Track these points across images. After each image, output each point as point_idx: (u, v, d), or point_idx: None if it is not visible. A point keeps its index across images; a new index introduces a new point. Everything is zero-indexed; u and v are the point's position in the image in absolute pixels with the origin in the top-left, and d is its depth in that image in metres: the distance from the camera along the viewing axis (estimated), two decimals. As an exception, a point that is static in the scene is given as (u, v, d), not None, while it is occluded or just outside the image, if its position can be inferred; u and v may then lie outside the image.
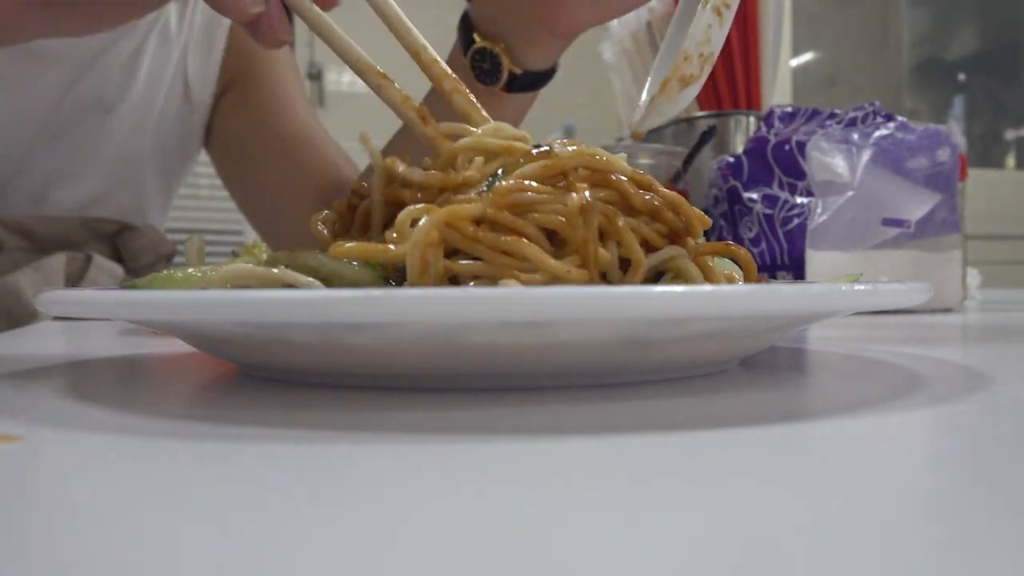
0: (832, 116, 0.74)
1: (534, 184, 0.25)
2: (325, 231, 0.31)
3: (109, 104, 0.73)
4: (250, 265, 0.26)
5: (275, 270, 0.25)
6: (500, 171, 0.27)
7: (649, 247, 0.27)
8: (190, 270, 0.26)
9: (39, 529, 0.12)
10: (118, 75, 0.73)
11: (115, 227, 0.76)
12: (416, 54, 0.37)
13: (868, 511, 0.13)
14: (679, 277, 0.27)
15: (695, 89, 0.33)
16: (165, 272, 0.27)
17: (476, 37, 0.56)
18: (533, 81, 0.57)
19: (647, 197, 0.26)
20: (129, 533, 0.12)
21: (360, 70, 0.36)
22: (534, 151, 0.28)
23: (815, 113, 0.75)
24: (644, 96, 0.34)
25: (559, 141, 0.29)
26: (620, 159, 0.28)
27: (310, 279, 0.25)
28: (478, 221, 0.24)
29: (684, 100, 0.33)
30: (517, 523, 0.12)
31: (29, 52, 0.69)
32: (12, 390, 0.26)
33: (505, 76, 0.55)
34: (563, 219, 0.25)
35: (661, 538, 0.12)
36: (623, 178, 0.26)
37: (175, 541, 0.12)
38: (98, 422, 0.20)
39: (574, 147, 0.27)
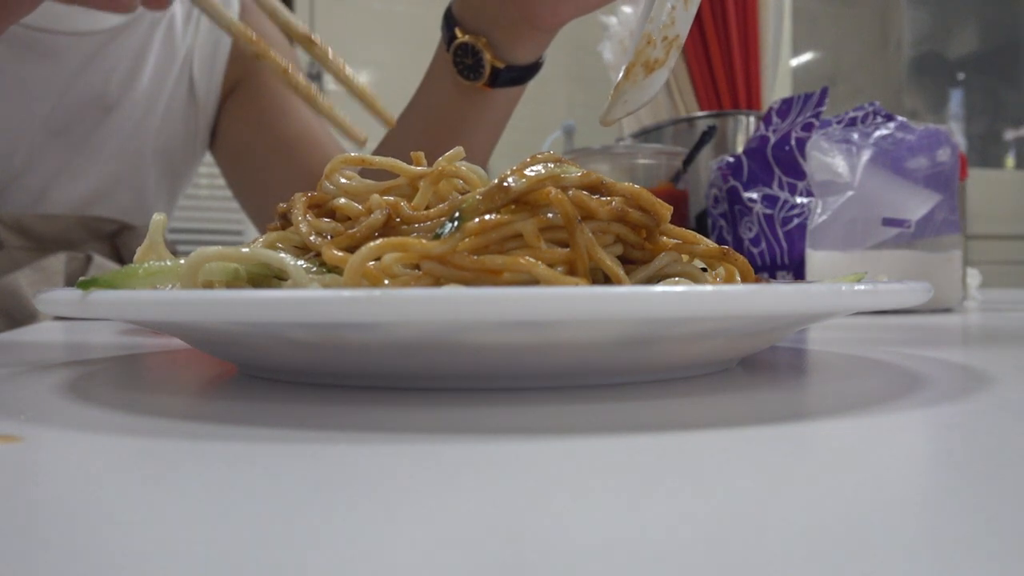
0: (823, 100, 0.74)
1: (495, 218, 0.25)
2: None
3: (111, 102, 0.74)
4: (217, 247, 0.26)
5: (245, 249, 0.26)
6: (457, 214, 0.26)
7: (626, 243, 0.27)
8: (154, 263, 0.27)
9: (39, 529, 0.12)
10: (121, 73, 0.73)
11: (114, 226, 0.76)
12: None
13: (868, 511, 0.13)
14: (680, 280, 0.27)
15: (663, 74, 0.32)
16: (125, 267, 0.27)
17: (458, 32, 0.55)
18: (517, 76, 0.56)
19: (612, 204, 0.26)
20: (129, 533, 0.12)
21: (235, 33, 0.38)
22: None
23: (808, 97, 0.75)
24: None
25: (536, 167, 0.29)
26: (569, 165, 0.27)
27: (281, 256, 0.25)
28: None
29: (652, 87, 0.32)
30: (517, 523, 0.12)
31: (31, 49, 0.69)
32: (12, 390, 0.26)
33: (487, 71, 0.55)
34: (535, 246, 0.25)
35: (661, 538, 0.12)
36: (583, 193, 0.26)
37: (175, 541, 0.12)
38: (98, 422, 0.20)
39: (534, 169, 0.26)
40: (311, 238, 0.27)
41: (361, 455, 0.17)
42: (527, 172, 0.25)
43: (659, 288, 0.20)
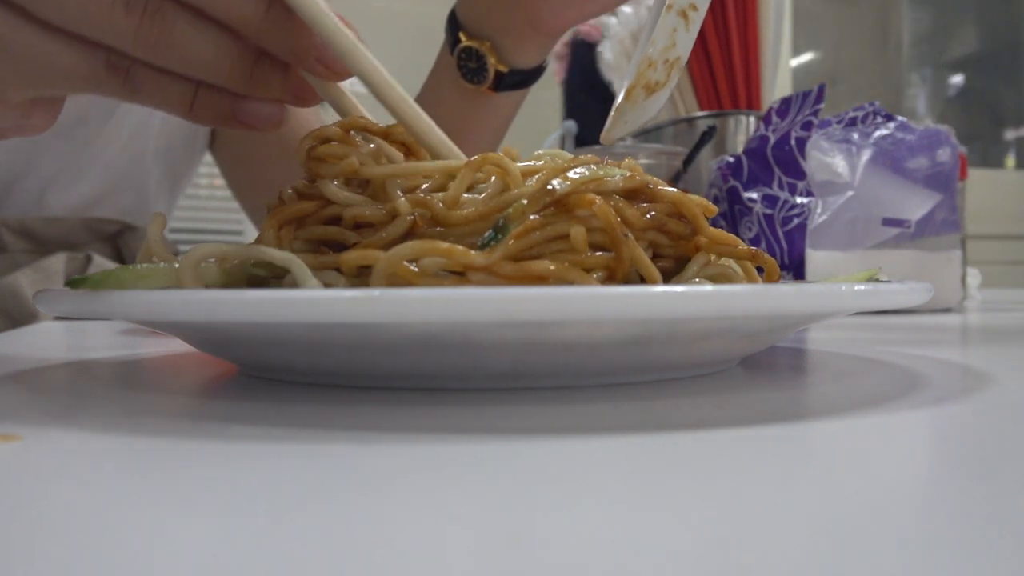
0: (821, 97, 0.73)
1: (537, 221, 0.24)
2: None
3: (114, 104, 0.74)
4: (215, 244, 0.25)
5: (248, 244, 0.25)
6: (501, 221, 0.25)
7: (658, 251, 0.27)
8: (146, 265, 0.26)
9: (39, 529, 0.12)
10: None
11: (117, 227, 0.76)
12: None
13: (868, 511, 0.13)
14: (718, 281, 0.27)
15: (663, 95, 0.32)
16: (116, 268, 0.26)
17: (462, 36, 0.56)
18: (520, 80, 0.57)
19: (647, 216, 0.26)
20: (129, 533, 0.12)
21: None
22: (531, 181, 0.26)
23: (806, 95, 0.75)
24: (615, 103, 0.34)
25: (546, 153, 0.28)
26: (613, 167, 0.27)
27: (286, 254, 0.25)
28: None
29: (652, 107, 0.32)
30: (517, 523, 0.12)
31: None
32: (12, 390, 0.26)
33: (491, 75, 0.55)
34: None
35: (660, 538, 0.12)
36: (622, 202, 0.25)
37: (175, 541, 0.12)
38: (98, 422, 0.20)
39: (574, 171, 0.26)
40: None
41: (361, 455, 0.17)
42: (570, 175, 0.25)
43: (659, 288, 0.20)
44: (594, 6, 0.52)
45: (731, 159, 0.77)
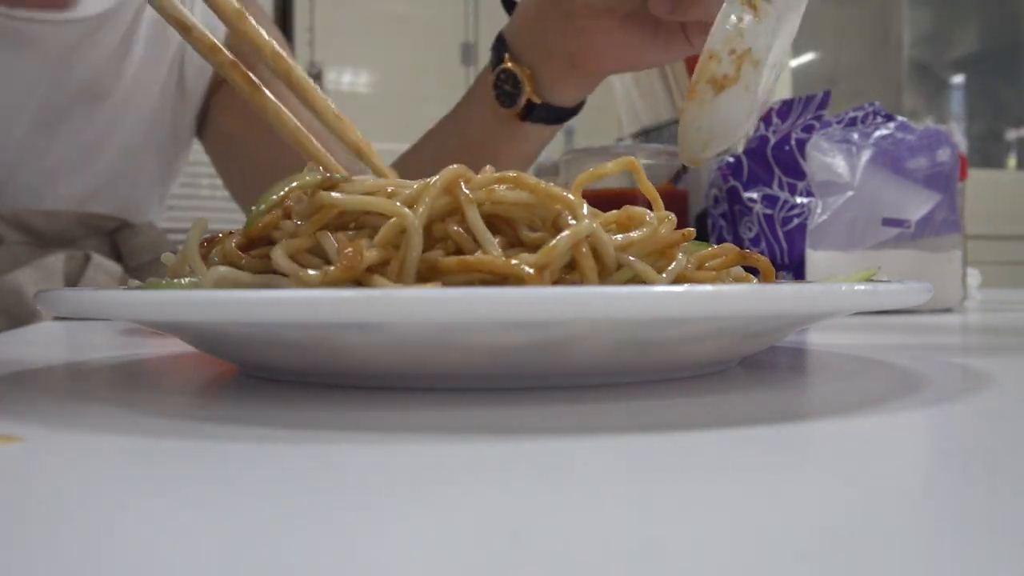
0: (825, 103, 0.73)
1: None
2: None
3: (102, 92, 0.73)
4: (232, 270, 0.25)
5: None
6: None
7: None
8: (166, 280, 0.26)
9: (39, 529, 0.12)
10: (108, 62, 0.73)
11: (114, 224, 0.76)
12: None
13: (868, 511, 0.13)
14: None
15: (737, 93, 0.28)
16: (143, 284, 0.26)
17: (507, 57, 0.56)
18: (551, 115, 0.57)
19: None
20: (129, 533, 0.12)
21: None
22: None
23: (810, 99, 0.75)
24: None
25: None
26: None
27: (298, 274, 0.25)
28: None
29: (728, 108, 0.28)
30: (516, 523, 0.12)
31: (7, 37, 0.68)
32: (12, 390, 0.26)
33: (523, 102, 0.56)
34: None
35: (660, 538, 0.12)
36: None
37: (175, 541, 0.12)
38: (98, 422, 0.20)
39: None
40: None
41: (361, 455, 0.17)
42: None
43: (659, 288, 0.20)
44: (635, 61, 0.54)
45: (731, 159, 0.77)
